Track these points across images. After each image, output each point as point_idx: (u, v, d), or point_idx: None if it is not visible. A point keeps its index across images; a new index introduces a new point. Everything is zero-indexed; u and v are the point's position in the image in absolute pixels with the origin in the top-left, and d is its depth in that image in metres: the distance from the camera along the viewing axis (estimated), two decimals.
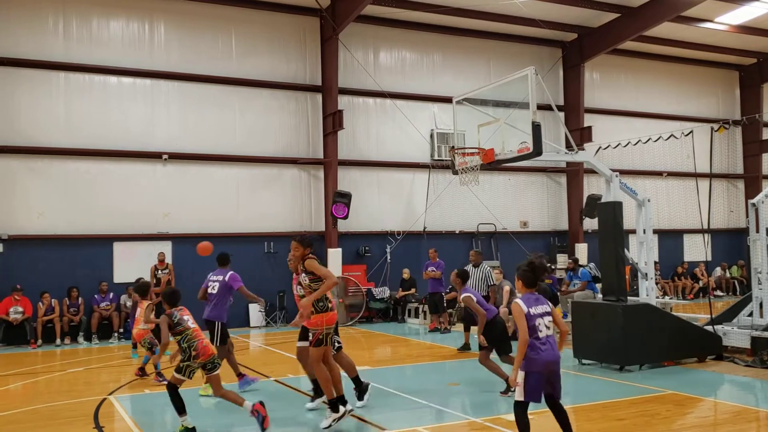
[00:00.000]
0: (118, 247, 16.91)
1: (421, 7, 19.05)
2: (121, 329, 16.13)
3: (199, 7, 18.03)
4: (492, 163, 11.46)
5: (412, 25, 20.36)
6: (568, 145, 12.44)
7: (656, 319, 10.63)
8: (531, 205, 22.27)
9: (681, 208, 22.67)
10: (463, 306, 11.28)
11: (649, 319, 10.53)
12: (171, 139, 17.54)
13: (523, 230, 21.89)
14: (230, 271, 9.94)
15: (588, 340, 10.92)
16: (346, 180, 19.22)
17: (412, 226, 19.95)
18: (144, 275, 16.39)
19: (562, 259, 21.48)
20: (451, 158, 12.28)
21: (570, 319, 11.99)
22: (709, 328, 11.28)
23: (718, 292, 23.48)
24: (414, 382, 10.13)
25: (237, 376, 9.55)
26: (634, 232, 12.12)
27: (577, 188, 22.62)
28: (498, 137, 11.30)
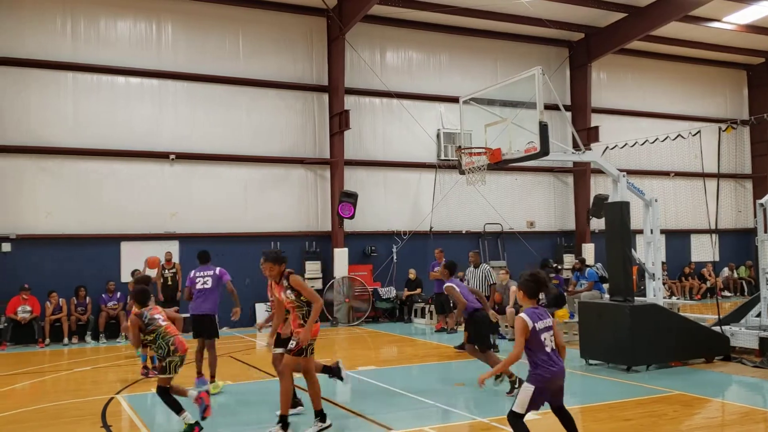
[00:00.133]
0: (125, 247, 16.96)
1: (428, 7, 19.05)
2: None
3: (206, 8, 18.08)
4: (499, 163, 11.45)
5: (419, 25, 20.36)
6: (575, 145, 12.41)
7: (663, 320, 10.60)
8: (538, 205, 22.24)
9: (688, 208, 22.60)
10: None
11: (657, 319, 10.50)
12: (178, 139, 17.59)
13: (529, 230, 21.86)
14: (217, 267, 9.99)
15: (595, 341, 10.89)
16: (353, 180, 19.23)
17: (419, 226, 19.95)
18: (151, 274, 16.41)
19: (569, 259, 21.44)
20: (457, 158, 12.28)
21: (577, 319, 11.98)
22: (717, 329, 11.24)
23: (726, 293, 23.40)
24: (420, 382, 10.12)
25: (198, 374, 9.50)
26: (641, 232, 12.10)
27: (584, 188, 22.58)
28: (505, 137, 11.30)
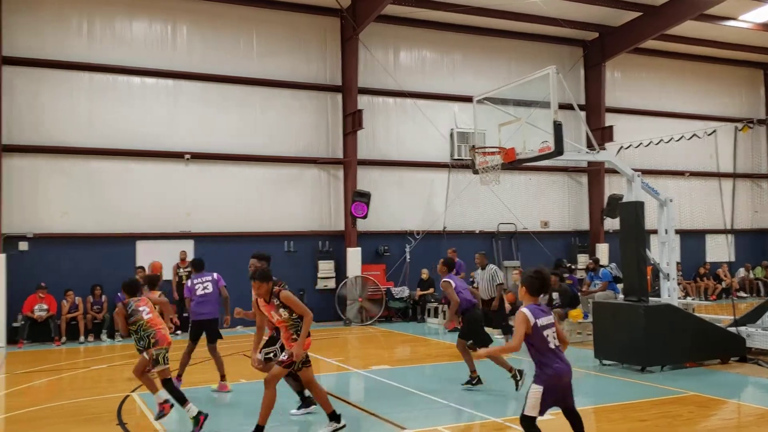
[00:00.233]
0: (140, 246, 17.08)
1: (442, 7, 19.04)
2: None
3: (221, 8, 18.17)
4: (513, 163, 11.45)
5: (433, 25, 20.36)
6: (590, 145, 12.38)
7: (678, 320, 10.54)
8: (552, 205, 22.16)
9: (703, 208, 22.42)
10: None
11: (671, 319, 10.44)
12: (193, 139, 17.69)
13: (543, 230, 21.79)
14: (213, 272, 10.16)
15: (609, 341, 10.85)
16: (366, 179, 19.26)
17: (432, 225, 19.94)
18: (166, 274, 16.59)
19: (583, 260, 21.36)
20: (471, 158, 12.28)
21: (591, 319, 11.94)
22: (733, 330, 11.16)
23: (742, 293, 23.20)
24: (433, 382, 10.13)
25: (178, 376, 9.40)
26: (655, 232, 12.03)
27: (599, 188, 22.48)
28: (519, 136, 11.29)
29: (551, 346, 5.32)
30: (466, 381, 9.36)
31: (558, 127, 10.49)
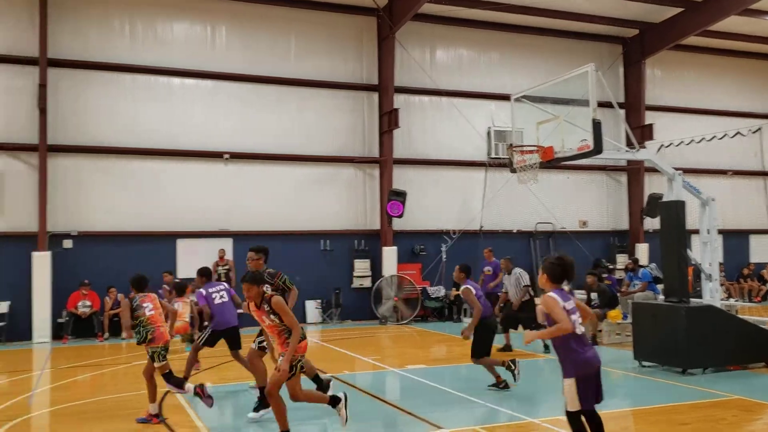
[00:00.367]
0: (181, 244, 17.37)
1: (479, 5, 18.93)
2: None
3: (259, 9, 18.36)
4: (551, 161, 11.36)
5: (470, 23, 20.27)
6: (629, 143, 12.21)
7: (721, 322, 10.33)
8: (590, 204, 21.90)
9: (747, 207, 21.92)
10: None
11: (714, 321, 10.24)
12: (232, 139, 17.92)
13: (582, 230, 21.53)
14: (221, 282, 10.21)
15: (649, 342, 10.69)
16: (402, 178, 19.27)
17: (468, 225, 19.86)
18: None
19: (622, 260, 21.06)
20: (509, 156, 12.22)
21: (630, 320, 11.77)
22: None
23: None
24: (470, 382, 10.09)
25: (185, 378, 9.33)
26: (697, 232, 11.81)
27: (638, 187, 22.14)
28: (557, 135, 11.20)
29: (578, 331, 5.14)
30: (492, 384, 9.18)
31: (597, 126, 10.38)
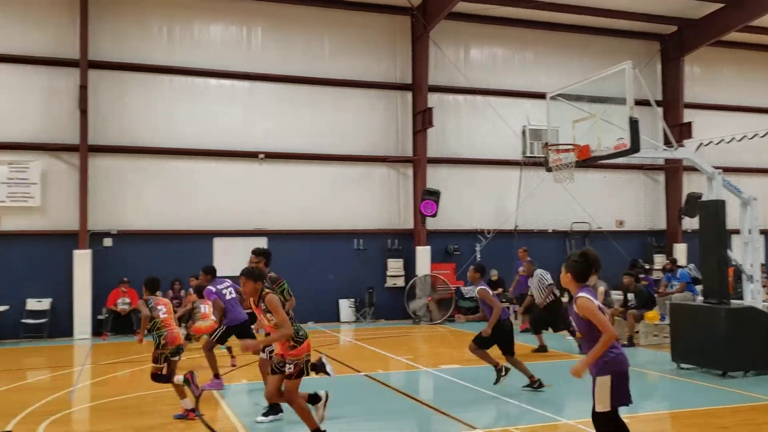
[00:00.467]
0: (218, 243, 17.60)
1: (514, 3, 18.82)
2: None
3: (294, 10, 18.51)
4: (587, 160, 11.25)
5: (504, 21, 20.15)
6: (667, 142, 12.02)
7: (763, 323, 10.10)
8: (627, 204, 21.60)
9: None
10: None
11: (755, 323, 10.03)
12: (267, 139, 18.10)
13: (618, 229, 21.25)
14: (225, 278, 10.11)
15: (687, 344, 10.51)
16: (436, 178, 19.25)
17: (503, 224, 19.74)
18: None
19: (660, 260, 20.74)
20: (544, 155, 12.13)
21: (668, 321, 11.59)
22: None
23: None
24: (506, 383, 10.04)
25: (215, 375, 9.52)
26: (737, 232, 11.56)
27: (676, 186, 21.76)
28: (593, 133, 11.08)
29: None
30: (495, 380, 9.31)
31: (634, 124, 10.25)
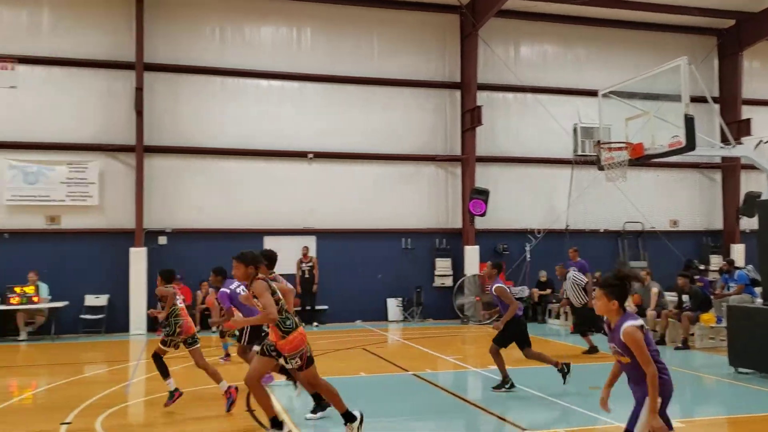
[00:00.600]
0: (267, 242, 17.78)
1: None
2: None
3: (343, 10, 18.64)
4: (640, 159, 11.06)
5: (554, 18, 19.91)
6: (724, 139, 11.71)
7: None
8: (682, 203, 21.08)
9: None
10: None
11: None
12: (316, 139, 18.27)
13: (672, 229, 20.76)
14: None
15: (746, 347, 10.20)
16: (485, 176, 19.12)
17: (553, 224, 19.49)
18: (290, 268, 17.31)
19: (716, 261, 20.19)
20: (596, 153, 11.97)
21: (725, 324, 11.28)
22: None
23: None
24: (553, 384, 9.92)
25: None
26: None
27: (734, 185, 21.13)
28: (647, 131, 10.88)
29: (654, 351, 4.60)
30: (497, 384, 9.23)
31: (690, 121, 10.03)
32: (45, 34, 16.82)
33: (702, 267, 19.60)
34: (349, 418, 6.61)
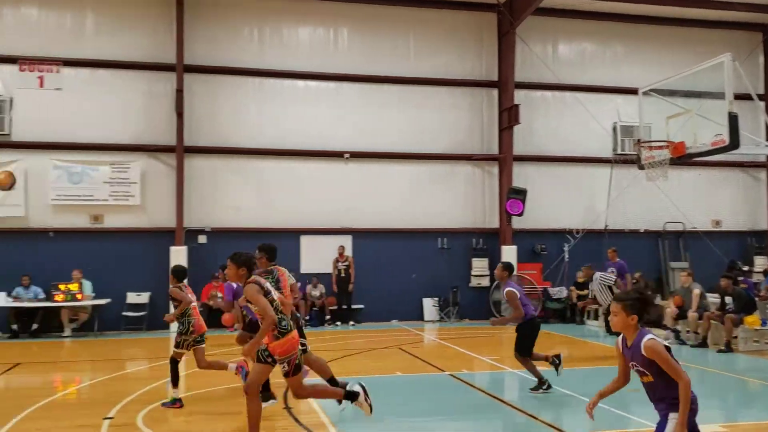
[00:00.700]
0: (304, 241, 18.01)
1: None
2: (307, 316, 17.21)
3: (379, 10, 18.68)
4: (682, 157, 10.89)
5: (593, 15, 19.66)
6: None
7: None
8: (724, 203, 20.62)
9: None
10: None
11: None
12: (352, 139, 18.35)
13: (715, 230, 20.32)
14: None
15: None
16: (522, 176, 18.97)
17: (592, 224, 19.23)
18: (326, 267, 17.43)
19: (760, 262, 19.72)
20: (636, 152, 11.81)
21: None
22: None
23: None
24: (592, 385, 9.79)
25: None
26: None
27: None
28: (689, 129, 10.71)
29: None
30: (534, 386, 9.19)
31: (733, 119, 9.83)
32: (88, 37, 17.22)
33: (746, 268, 19.15)
34: (352, 396, 6.44)
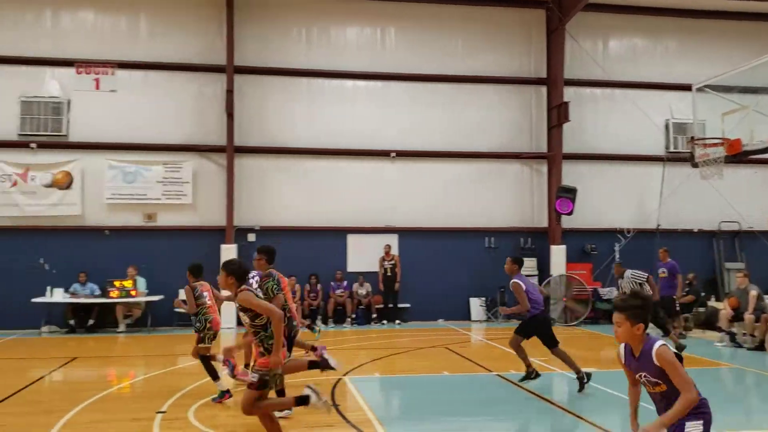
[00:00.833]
0: (351, 239, 18.12)
1: None
2: (353, 315, 17.33)
3: (427, 9, 18.65)
4: (737, 155, 10.58)
5: (644, 10, 19.25)
6: None
7: None
8: None
9: None
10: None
11: None
12: (399, 138, 18.37)
13: None
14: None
15: None
16: (572, 174, 18.67)
17: (644, 223, 18.84)
18: (373, 266, 17.52)
19: None
20: (690, 150, 11.54)
21: None
22: None
23: None
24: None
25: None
26: None
27: None
28: (745, 126, 10.40)
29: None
30: (523, 377, 9.36)
31: None
32: (142, 39, 17.66)
33: None
34: (303, 401, 6.03)
